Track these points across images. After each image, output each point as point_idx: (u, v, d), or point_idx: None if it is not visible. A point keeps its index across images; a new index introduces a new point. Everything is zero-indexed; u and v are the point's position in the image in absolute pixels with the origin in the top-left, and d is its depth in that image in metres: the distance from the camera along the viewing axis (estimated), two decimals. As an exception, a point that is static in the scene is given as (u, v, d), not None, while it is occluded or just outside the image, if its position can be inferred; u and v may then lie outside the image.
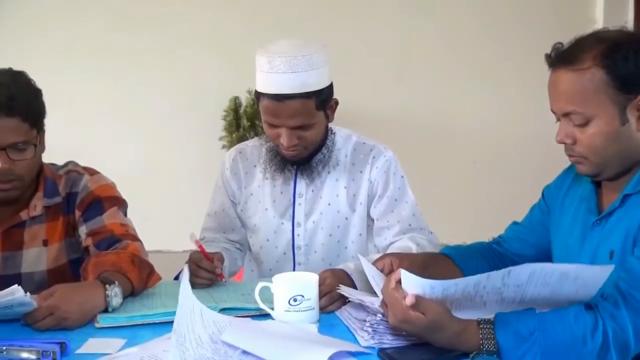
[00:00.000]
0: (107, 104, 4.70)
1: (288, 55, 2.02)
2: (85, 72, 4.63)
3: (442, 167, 4.92)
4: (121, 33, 4.64)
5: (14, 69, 1.97)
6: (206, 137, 4.62)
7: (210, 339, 1.49)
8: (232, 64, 4.64)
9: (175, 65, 4.70)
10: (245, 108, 4.57)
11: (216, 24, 4.70)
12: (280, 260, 2.31)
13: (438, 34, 4.84)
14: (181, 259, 2.17)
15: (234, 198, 2.36)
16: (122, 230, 2.05)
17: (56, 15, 4.59)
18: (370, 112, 4.65)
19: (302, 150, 2.15)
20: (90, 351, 1.56)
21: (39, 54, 4.48)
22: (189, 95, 4.72)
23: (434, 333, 1.48)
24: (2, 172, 1.90)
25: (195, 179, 4.69)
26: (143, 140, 4.75)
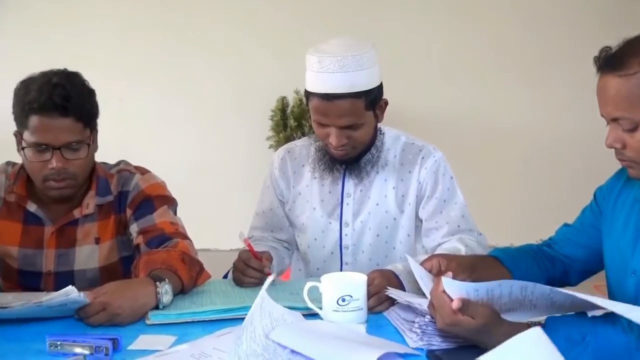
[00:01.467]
0: (157, 104, 4.76)
1: (338, 55, 2.02)
2: (136, 72, 4.70)
3: (490, 167, 4.88)
4: (171, 34, 4.70)
5: (68, 69, 2.01)
6: (253, 136, 4.66)
7: (264, 334, 1.49)
8: (280, 65, 4.67)
9: (223, 65, 4.74)
10: (292, 108, 4.59)
11: (265, 25, 4.73)
12: (328, 260, 2.31)
13: (487, 34, 4.80)
14: (229, 258, 2.19)
15: (282, 197, 2.37)
16: (172, 229, 2.07)
17: (108, 14, 4.66)
18: (419, 113, 4.63)
19: (350, 150, 2.15)
20: (142, 347, 1.58)
21: (91, 53, 4.55)
22: (237, 96, 4.76)
23: (483, 336, 1.47)
24: (57, 171, 1.94)
25: (242, 178, 4.73)
26: (192, 140, 4.81)
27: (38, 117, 1.91)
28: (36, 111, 1.90)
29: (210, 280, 2.02)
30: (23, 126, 1.94)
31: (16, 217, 2.09)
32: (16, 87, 1.96)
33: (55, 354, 1.53)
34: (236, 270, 2.03)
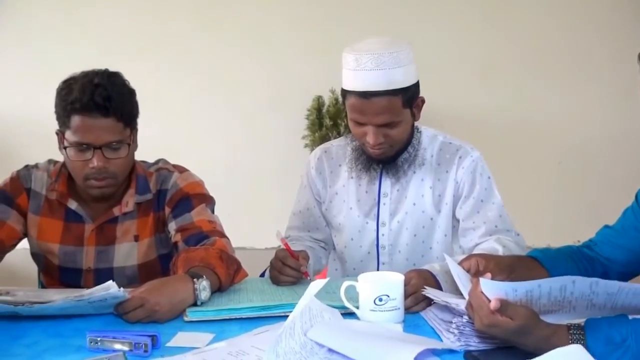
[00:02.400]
0: (193, 103, 4.79)
1: (375, 52, 2.02)
2: (172, 71, 4.73)
3: (526, 168, 4.83)
4: (207, 32, 4.72)
5: (109, 69, 2.04)
6: (289, 136, 4.66)
7: (302, 331, 1.50)
8: (316, 64, 4.67)
9: (259, 64, 4.75)
10: (328, 107, 4.59)
11: (300, 24, 4.73)
12: (364, 260, 2.31)
13: (523, 34, 4.75)
14: (263, 256, 2.20)
15: (318, 197, 2.37)
16: (210, 227, 2.09)
17: (145, 14, 4.71)
18: (455, 113, 4.60)
19: (387, 149, 2.15)
20: (180, 345, 1.59)
21: (128, 52, 4.60)
22: (272, 95, 4.77)
23: (522, 337, 1.45)
24: (97, 170, 1.97)
25: (277, 177, 4.74)
26: (228, 139, 4.83)
27: (80, 117, 1.94)
28: (78, 111, 1.93)
29: (247, 278, 2.03)
30: (65, 126, 1.97)
31: (57, 214, 2.12)
32: (58, 87, 2.00)
33: (95, 350, 1.55)
34: (273, 268, 2.04)
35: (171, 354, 1.53)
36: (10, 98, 4.69)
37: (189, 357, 1.51)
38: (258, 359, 1.49)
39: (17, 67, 4.67)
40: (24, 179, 2.14)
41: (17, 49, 4.68)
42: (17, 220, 2.11)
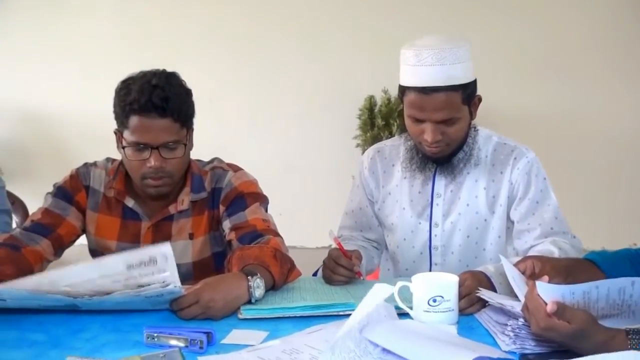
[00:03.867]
0: (246, 103, 4.83)
1: (436, 48, 2.02)
2: (226, 71, 4.78)
3: (582, 169, 4.75)
4: (263, 33, 4.76)
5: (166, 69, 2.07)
6: (341, 135, 4.68)
7: (358, 328, 1.50)
8: (368, 64, 4.68)
9: (312, 65, 4.77)
10: (380, 107, 4.59)
11: (354, 24, 4.73)
12: (417, 260, 2.30)
13: (578, 34, 4.67)
14: (314, 255, 2.21)
15: (371, 197, 2.37)
16: (264, 226, 2.10)
17: (201, 15, 4.76)
18: (506, 112, 4.55)
19: (444, 147, 2.13)
20: (234, 342, 1.61)
21: (185, 53, 4.66)
22: (325, 95, 4.79)
23: (579, 341, 1.43)
24: (155, 169, 2.00)
25: (329, 177, 4.76)
26: (280, 138, 4.86)
27: (138, 117, 1.97)
28: (136, 112, 1.97)
29: (300, 277, 2.03)
30: (123, 125, 2.01)
31: (115, 212, 2.16)
32: (117, 87, 2.03)
33: (151, 346, 1.58)
34: (326, 268, 2.04)
35: (226, 351, 1.55)
36: (68, 98, 4.79)
37: (244, 355, 1.53)
38: (311, 357, 1.50)
39: (73, 67, 4.77)
40: (83, 176, 2.18)
41: (73, 50, 4.77)
42: (76, 217, 2.15)
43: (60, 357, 1.50)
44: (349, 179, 4.53)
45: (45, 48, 4.75)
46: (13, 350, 1.58)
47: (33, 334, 1.67)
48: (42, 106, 4.79)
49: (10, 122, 4.78)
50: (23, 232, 2.06)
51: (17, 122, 4.80)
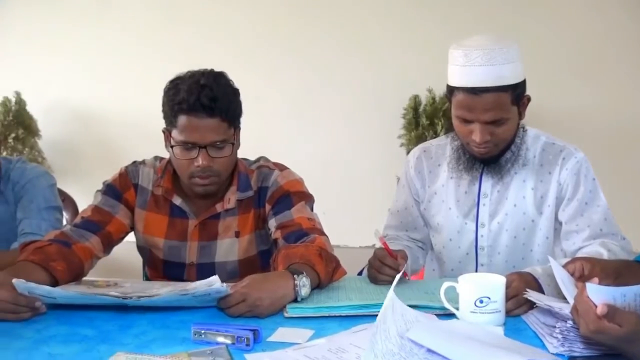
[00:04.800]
0: (291, 102, 4.84)
1: (485, 48, 2.01)
2: (272, 70, 4.80)
3: (631, 169, 4.66)
4: (308, 32, 4.77)
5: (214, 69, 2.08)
6: (385, 135, 4.66)
7: (398, 334, 1.50)
8: (413, 63, 4.65)
9: (357, 63, 4.76)
10: (424, 107, 4.56)
11: (399, 23, 4.72)
12: (463, 261, 2.29)
13: (625, 33, 4.59)
14: (358, 255, 2.20)
15: (417, 197, 2.36)
16: (310, 225, 2.10)
17: (244, 14, 4.79)
18: (555, 113, 4.49)
19: (492, 148, 2.12)
20: (280, 340, 1.62)
21: (232, 52, 4.69)
22: (369, 94, 4.77)
23: (630, 344, 1.41)
24: (202, 169, 2.03)
25: (373, 176, 4.75)
26: (324, 137, 4.86)
27: (186, 117, 1.99)
28: (185, 111, 1.99)
29: (346, 276, 2.04)
30: (172, 125, 2.03)
31: (163, 210, 2.19)
32: (166, 87, 2.06)
33: (199, 342, 1.59)
34: (371, 267, 2.04)
35: (272, 349, 1.56)
36: (116, 97, 4.86)
37: (290, 353, 1.54)
38: (357, 356, 1.50)
39: (121, 67, 4.84)
40: (132, 174, 2.21)
41: (120, 50, 4.84)
42: (125, 214, 2.19)
43: (110, 352, 1.52)
44: (393, 178, 4.52)
45: (93, 48, 4.82)
46: (64, 345, 1.61)
47: (83, 329, 1.70)
48: (91, 106, 4.87)
49: (60, 121, 4.86)
50: (73, 229, 2.10)
51: (67, 121, 4.88)
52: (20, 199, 2.30)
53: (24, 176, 2.33)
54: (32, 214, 2.26)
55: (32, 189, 2.31)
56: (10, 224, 2.31)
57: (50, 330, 1.69)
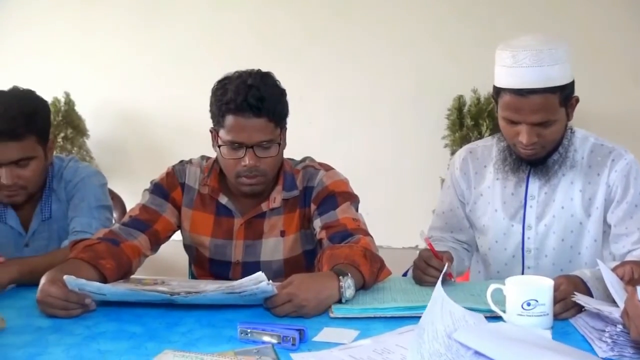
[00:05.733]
0: (336, 102, 4.85)
1: (533, 49, 1.98)
2: (316, 70, 4.81)
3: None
4: (352, 32, 4.77)
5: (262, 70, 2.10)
6: (429, 135, 4.64)
7: (446, 333, 1.49)
8: (456, 63, 4.62)
9: (401, 64, 4.75)
10: (469, 107, 4.53)
11: (441, 24, 4.69)
12: (509, 263, 2.27)
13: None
14: (401, 256, 2.19)
15: (462, 198, 2.34)
16: (354, 225, 2.10)
17: (288, 14, 4.80)
18: (606, 115, 4.41)
19: (539, 149, 2.09)
20: (326, 340, 1.62)
21: (274, 52, 4.71)
22: (413, 94, 4.76)
23: (682, 350, 1.39)
24: (249, 168, 2.04)
25: (416, 177, 4.73)
26: (368, 137, 4.85)
27: (234, 117, 2.01)
28: (232, 111, 2.01)
29: (390, 277, 2.03)
30: (219, 125, 2.05)
31: (209, 208, 2.21)
32: (214, 87, 2.08)
33: (245, 341, 1.60)
34: (417, 268, 2.03)
35: (318, 349, 1.57)
36: (163, 97, 4.91)
37: (335, 353, 1.54)
38: (402, 357, 1.50)
39: (168, 67, 4.89)
40: (179, 173, 2.24)
41: (168, 50, 4.89)
42: (172, 213, 2.21)
43: (157, 350, 1.54)
44: (437, 179, 4.50)
45: (141, 48, 4.88)
46: (113, 341, 1.63)
47: (132, 327, 1.72)
48: (138, 106, 4.93)
49: (108, 121, 4.94)
50: (122, 227, 2.13)
51: (115, 121, 4.96)
52: (72, 198, 2.34)
53: (76, 175, 2.37)
54: (83, 213, 2.30)
55: (83, 187, 2.35)
56: (62, 222, 2.36)
57: (99, 327, 1.72)
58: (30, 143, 2.19)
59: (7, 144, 2.14)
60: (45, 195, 2.37)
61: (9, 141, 2.14)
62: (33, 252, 2.31)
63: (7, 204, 2.32)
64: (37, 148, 2.22)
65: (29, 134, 2.17)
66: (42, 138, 2.24)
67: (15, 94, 2.22)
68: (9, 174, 2.18)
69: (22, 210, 2.37)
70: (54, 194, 2.37)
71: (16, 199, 2.26)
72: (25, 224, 2.38)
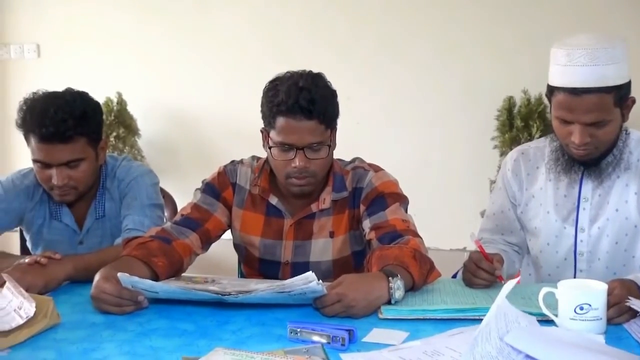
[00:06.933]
0: (383, 102, 4.83)
1: (589, 47, 1.96)
2: (364, 70, 4.80)
3: None
4: (399, 32, 4.74)
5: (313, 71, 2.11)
6: (478, 136, 4.60)
7: (498, 335, 1.48)
8: (506, 64, 4.57)
9: (449, 63, 4.71)
10: (519, 108, 4.48)
11: (493, 23, 4.64)
12: (561, 266, 2.23)
13: None
14: (448, 257, 2.17)
15: (514, 200, 2.32)
16: (404, 226, 2.09)
17: (338, 15, 4.80)
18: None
19: (592, 150, 2.06)
20: (375, 340, 1.62)
21: (323, 52, 4.72)
22: (463, 95, 4.71)
23: None
24: (299, 170, 2.05)
25: (465, 178, 4.69)
26: (415, 138, 4.83)
27: (285, 118, 2.02)
28: (283, 113, 2.02)
29: (440, 279, 2.02)
30: (270, 126, 2.07)
31: (259, 209, 2.23)
32: (265, 88, 2.09)
33: (294, 340, 1.61)
34: (467, 270, 2.01)
35: (367, 349, 1.57)
36: (213, 97, 4.95)
37: (385, 354, 1.54)
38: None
39: (218, 68, 4.93)
40: (230, 173, 2.26)
41: (217, 51, 4.93)
42: (223, 212, 2.24)
43: (208, 347, 1.56)
44: (485, 180, 4.46)
45: (192, 49, 4.93)
46: (165, 338, 1.66)
47: (183, 324, 1.75)
48: (189, 105, 4.98)
49: (159, 121, 5.00)
50: (173, 226, 2.16)
51: (165, 121, 5.01)
52: (125, 196, 2.39)
53: (129, 174, 2.42)
54: (135, 211, 2.34)
55: (136, 186, 2.39)
56: (115, 220, 2.40)
57: (151, 324, 1.75)
58: (80, 145, 2.24)
59: (56, 146, 2.20)
60: (99, 194, 2.42)
61: (58, 143, 2.19)
62: (87, 250, 2.36)
63: (60, 202, 2.37)
64: (87, 149, 2.27)
65: (78, 137, 2.22)
66: (93, 139, 2.29)
67: (66, 97, 2.26)
68: (59, 175, 2.24)
69: (76, 209, 2.43)
70: (107, 192, 2.42)
71: (67, 198, 2.32)
72: (79, 221, 2.44)
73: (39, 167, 2.26)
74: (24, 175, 2.46)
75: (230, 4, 4.90)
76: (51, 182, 2.25)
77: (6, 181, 2.44)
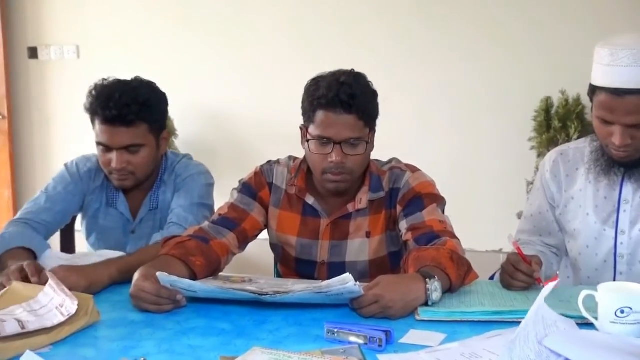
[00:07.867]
0: (418, 103, 4.82)
1: (634, 48, 1.92)
2: (398, 72, 4.78)
3: None
4: (433, 33, 4.73)
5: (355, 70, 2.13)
6: (515, 137, 4.56)
7: (536, 339, 1.46)
8: (545, 64, 4.52)
9: (486, 64, 4.68)
10: (557, 109, 4.44)
11: (531, 22, 4.60)
12: (600, 269, 2.20)
13: None
14: (484, 259, 2.15)
15: (552, 201, 2.29)
16: (441, 227, 2.09)
17: (371, 15, 4.80)
18: None
19: (633, 152, 2.03)
20: (412, 342, 1.62)
21: (358, 53, 4.72)
22: (499, 95, 4.68)
23: None
24: (335, 165, 2.06)
25: (501, 179, 4.65)
26: (452, 139, 4.80)
27: (324, 112, 2.04)
28: (323, 106, 2.04)
29: (477, 280, 2.01)
30: (310, 120, 2.09)
31: (296, 208, 2.24)
32: (307, 84, 2.12)
33: (331, 341, 1.62)
34: (505, 272, 2.00)
35: (404, 351, 1.57)
36: (249, 98, 4.98)
37: (422, 356, 1.54)
38: (490, 362, 1.49)
39: (254, 69, 4.96)
40: (267, 173, 2.27)
41: (253, 52, 4.96)
42: (260, 212, 2.25)
43: (246, 347, 1.56)
44: (522, 182, 4.42)
45: (229, 49, 4.96)
46: (204, 337, 1.67)
47: (221, 323, 1.76)
48: (225, 106, 5.01)
49: (196, 122, 5.03)
50: (211, 225, 2.17)
51: (203, 122, 5.05)
52: (179, 191, 2.43)
53: (187, 171, 2.48)
54: (183, 207, 2.38)
55: (191, 183, 2.44)
56: (166, 213, 2.44)
57: (190, 323, 1.77)
58: (141, 131, 2.31)
59: (118, 129, 2.27)
60: (156, 186, 2.49)
61: (120, 126, 2.27)
62: (138, 239, 2.44)
63: (118, 188, 2.44)
64: (148, 137, 2.34)
65: (140, 122, 2.29)
66: (155, 127, 2.36)
67: (133, 84, 2.36)
68: (119, 158, 2.31)
69: (132, 198, 2.50)
70: (163, 185, 2.49)
71: (125, 183, 2.38)
72: (133, 211, 2.50)
73: (101, 150, 2.34)
74: (87, 159, 2.54)
75: (267, 5, 4.92)
76: (111, 166, 2.33)
77: (70, 165, 2.53)
